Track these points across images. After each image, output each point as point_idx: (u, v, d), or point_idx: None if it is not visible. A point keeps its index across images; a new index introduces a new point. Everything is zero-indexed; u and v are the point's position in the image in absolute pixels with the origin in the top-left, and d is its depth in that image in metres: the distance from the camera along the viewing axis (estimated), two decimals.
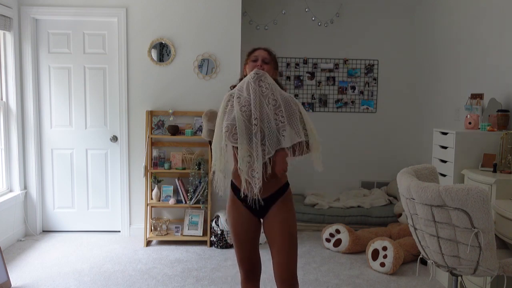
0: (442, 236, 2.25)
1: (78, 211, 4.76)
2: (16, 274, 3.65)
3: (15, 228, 4.41)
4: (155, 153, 4.51)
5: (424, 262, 3.73)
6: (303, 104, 5.71)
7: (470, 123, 3.61)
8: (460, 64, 4.45)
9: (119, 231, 4.73)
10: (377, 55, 5.73)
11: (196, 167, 4.39)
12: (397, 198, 5.19)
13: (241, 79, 2.33)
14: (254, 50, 2.37)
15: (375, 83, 5.77)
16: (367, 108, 5.80)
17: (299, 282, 3.52)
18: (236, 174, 2.28)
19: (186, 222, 4.49)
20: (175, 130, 4.45)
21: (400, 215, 4.80)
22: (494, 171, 3.19)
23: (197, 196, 4.38)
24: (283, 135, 2.14)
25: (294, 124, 2.17)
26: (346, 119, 5.80)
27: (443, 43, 4.84)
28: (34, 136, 4.59)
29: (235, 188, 2.35)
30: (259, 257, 2.45)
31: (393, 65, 5.74)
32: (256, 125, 2.12)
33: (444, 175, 3.51)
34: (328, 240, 4.34)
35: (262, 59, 2.30)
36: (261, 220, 2.37)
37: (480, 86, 4.04)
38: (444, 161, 3.55)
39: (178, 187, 4.47)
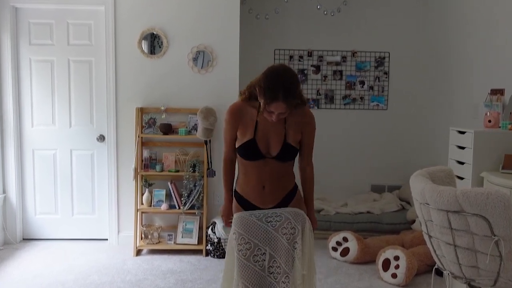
0: (459, 245, 2.25)
1: (61, 217, 4.76)
2: None
3: None
4: (145, 154, 4.51)
5: (439, 273, 3.72)
6: (307, 100, 5.71)
7: (490, 121, 3.62)
8: (479, 57, 4.45)
9: (107, 239, 4.73)
10: (388, 47, 5.74)
11: (191, 169, 4.40)
12: (410, 203, 5.19)
13: (249, 93, 2.32)
14: (272, 100, 2.16)
15: (386, 77, 5.77)
16: (377, 105, 5.80)
17: None
18: (241, 184, 2.42)
19: (180, 229, 4.49)
20: (167, 129, 4.46)
21: (413, 221, 4.80)
22: None
23: (191, 201, 4.38)
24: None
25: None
26: (354, 116, 5.80)
27: (460, 34, 4.84)
28: (14, 135, 4.58)
29: (241, 200, 2.44)
30: None
31: (406, 58, 5.74)
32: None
33: (461, 178, 3.51)
34: (335, 249, 4.35)
35: (278, 114, 2.21)
36: None
37: (501, 81, 4.04)
38: (462, 163, 3.55)
39: (171, 191, 4.47)
